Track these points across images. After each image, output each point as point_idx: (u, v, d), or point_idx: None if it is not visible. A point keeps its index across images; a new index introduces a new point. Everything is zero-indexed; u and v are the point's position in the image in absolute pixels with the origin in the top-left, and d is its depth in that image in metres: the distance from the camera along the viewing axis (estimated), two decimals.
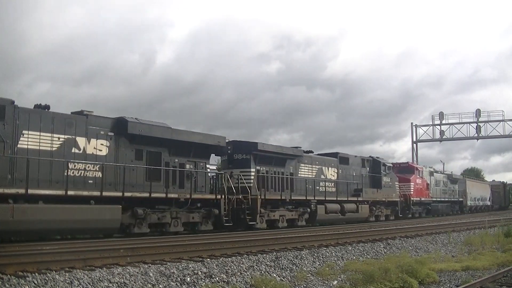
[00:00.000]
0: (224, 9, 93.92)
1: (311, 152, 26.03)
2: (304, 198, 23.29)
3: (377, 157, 31.50)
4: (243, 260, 10.99)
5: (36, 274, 8.11)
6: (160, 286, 8.54)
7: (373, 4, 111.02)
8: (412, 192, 34.72)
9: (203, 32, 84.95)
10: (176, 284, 8.74)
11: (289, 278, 10.18)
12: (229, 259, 10.94)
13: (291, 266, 11.17)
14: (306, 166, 24.60)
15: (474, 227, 23.61)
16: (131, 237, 15.30)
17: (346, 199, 26.39)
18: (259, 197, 20.48)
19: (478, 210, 52.08)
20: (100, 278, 8.33)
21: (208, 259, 10.70)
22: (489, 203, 57.73)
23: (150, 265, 9.69)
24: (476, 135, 50.36)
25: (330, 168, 26.42)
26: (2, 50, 58.52)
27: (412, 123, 53.66)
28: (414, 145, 52.95)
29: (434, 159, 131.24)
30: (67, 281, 7.97)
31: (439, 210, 40.23)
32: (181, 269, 9.54)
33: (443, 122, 50.82)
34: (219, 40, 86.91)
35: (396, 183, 32.57)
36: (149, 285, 8.46)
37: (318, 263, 11.88)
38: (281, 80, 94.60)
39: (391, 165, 33.04)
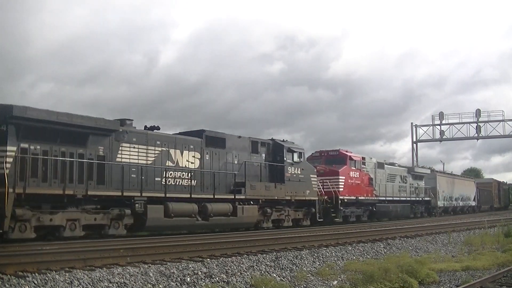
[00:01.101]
0: (227, 9, 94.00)
1: (156, 128, 18.05)
2: (120, 194, 15.60)
3: (281, 141, 23.20)
4: (243, 260, 10.99)
5: (36, 274, 8.11)
6: (160, 286, 8.54)
7: (376, 5, 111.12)
8: (341, 189, 26.15)
9: (206, 32, 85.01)
10: (176, 284, 8.75)
11: (289, 278, 10.18)
12: (229, 259, 10.94)
13: (291, 266, 11.17)
14: (133, 147, 16.65)
15: (474, 227, 23.60)
16: (133, 237, 15.32)
17: (211, 196, 18.53)
18: (13, 191, 12.83)
19: (456, 211, 45.62)
20: (100, 278, 8.33)
21: (208, 259, 10.70)
22: (473, 204, 50.74)
23: (150, 265, 9.68)
24: (476, 135, 50.36)
25: (186, 152, 18.43)
26: (6, 51, 58.53)
27: (412, 123, 53.71)
28: (414, 145, 52.96)
29: (435, 159, 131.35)
30: (67, 281, 7.97)
31: (391, 212, 31.87)
32: (181, 269, 9.54)
33: (443, 122, 50.84)
34: (222, 40, 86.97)
35: (313, 176, 24.06)
36: (149, 285, 8.46)
37: (318, 263, 11.88)
38: (284, 80, 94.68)
39: (303, 150, 24.06)
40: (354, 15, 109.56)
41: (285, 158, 22.40)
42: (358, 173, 28.33)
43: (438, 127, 50.95)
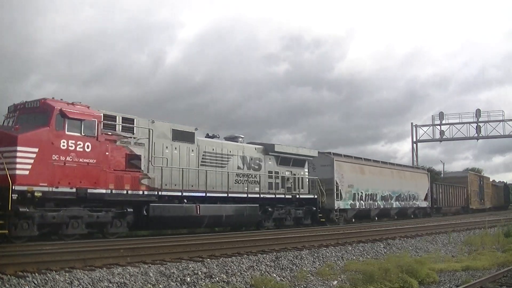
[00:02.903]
0: (233, 9, 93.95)
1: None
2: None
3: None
4: (243, 260, 10.99)
5: (36, 274, 8.11)
6: (160, 286, 8.54)
7: (381, 5, 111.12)
8: (22, 172, 13.18)
9: (212, 32, 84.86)
10: (176, 284, 8.74)
11: (289, 278, 10.18)
12: (229, 259, 10.95)
13: (291, 266, 11.17)
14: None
15: (474, 227, 23.61)
16: (133, 237, 15.32)
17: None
18: None
19: (388, 215, 33.22)
20: (100, 278, 8.33)
21: (208, 259, 10.71)
22: (425, 205, 38.31)
23: (150, 265, 9.69)
24: (476, 135, 50.33)
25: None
26: (12, 50, 58.49)
27: (412, 123, 53.63)
28: (414, 145, 52.93)
29: (436, 159, 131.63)
30: (67, 281, 7.98)
31: (196, 219, 17.89)
32: (181, 269, 9.54)
33: (444, 122, 50.82)
34: (228, 40, 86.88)
35: None
36: (149, 285, 8.46)
37: (318, 263, 11.88)
38: (288, 80, 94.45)
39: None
40: (359, 15, 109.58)
41: None
42: (89, 143, 14.70)
43: (438, 127, 50.95)
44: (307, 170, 24.54)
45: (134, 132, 16.18)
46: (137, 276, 8.76)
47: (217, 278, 9.32)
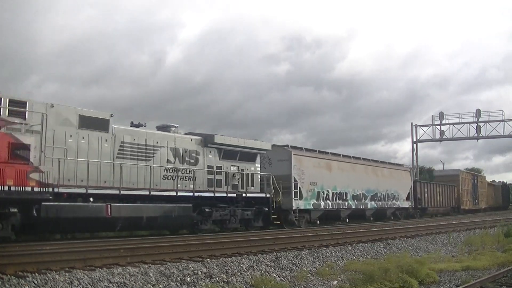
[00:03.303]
0: (234, 9, 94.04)
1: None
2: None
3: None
4: (243, 260, 10.99)
5: (36, 274, 8.11)
6: (160, 286, 8.54)
7: (382, 5, 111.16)
8: None
9: (213, 32, 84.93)
10: (176, 284, 8.74)
11: (289, 278, 10.18)
12: (229, 259, 10.95)
13: (291, 266, 11.17)
14: None
15: (474, 227, 23.61)
16: (133, 237, 15.30)
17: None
18: None
19: (354, 217, 28.91)
20: (100, 278, 8.33)
21: (208, 259, 10.71)
22: (407, 205, 34.98)
23: (150, 265, 9.69)
24: (476, 135, 50.33)
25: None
26: (14, 51, 58.52)
27: (412, 123, 53.61)
28: (414, 145, 52.92)
29: (436, 159, 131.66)
30: (67, 281, 7.98)
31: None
32: (181, 269, 9.54)
33: (444, 122, 50.82)
34: (229, 40, 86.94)
35: None
36: (149, 285, 8.46)
37: (318, 263, 11.88)
38: (289, 80, 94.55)
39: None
40: (360, 16, 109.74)
41: None
42: None
43: (438, 127, 50.95)
44: (258, 165, 21.43)
45: (26, 117, 13.49)
46: (137, 276, 8.76)
47: (217, 278, 9.31)
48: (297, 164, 23.91)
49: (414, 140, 52.62)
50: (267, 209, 20.78)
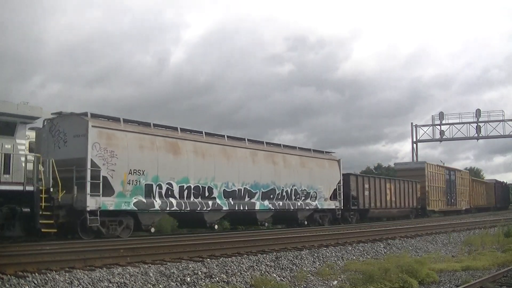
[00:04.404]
0: (238, 10, 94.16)
1: None
2: None
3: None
4: (243, 260, 10.99)
5: (36, 274, 8.11)
6: (160, 286, 8.54)
7: (385, 5, 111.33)
8: None
9: (217, 33, 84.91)
10: (176, 284, 8.74)
11: (289, 278, 10.18)
12: (229, 259, 10.95)
13: (291, 266, 11.17)
14: None
15: (474, 227, 23.62)
16: (133, 237, 15.30)
17: None
18: None
19: (235, 221, 22.46)
20: (100, 278, 8.33)
21: (208, 259, 10.71)
22: (332, 206, 25.76)
23: (150, 265, 9.69)
24: (476, 135, 50.35)
25: None
26: (18, 51, 58.51)
27: (412, 123, 53.65)
28: (414, 145, 52.95)
29: (437, 159, 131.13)
30: (67, 281, 7.98)
31: None
32: (181, 269, 9.54)
33: (444, 122, 50.86)
34: (233, 41, 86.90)
35: None
36: (149, 285, 8.46)
37: (318, 263, 11.88)
38: (292, 80, 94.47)
39: None
40: (363, 16, 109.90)
41: None
42: None
43: (438, 127, 50.97)
44: (24, 141, 14.13)
45: None
46: (137, 276, 8.76)
47: (217, 278, 9.31)
48: (102, 141, 15.90)
49: (414, 140, 52.70)
50: (28, 209, 13.23)
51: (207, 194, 18.99)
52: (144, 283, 8.50)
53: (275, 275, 10.24)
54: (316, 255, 12.60)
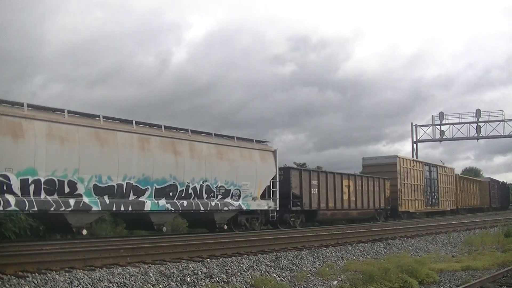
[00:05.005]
0: (241, 10, 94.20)
1: None
2: None
3: None
4: (243, 260, 10.99)
5: (36, 274, 8.12)
6: (160, 286, 8.54)
7: (387, 5, 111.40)
8: None
9: (219, 33, 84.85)
10: (176, 284, 8.75)
11: (289, 278, 10.18)
12: (229, 259, 10.96)
13: (291, 266, 11.17)
14: None
15: (474, 227, 23.63)
16: (133, 237, 15.30)
17: None
18: None
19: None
20: (100, 278, 8.33)
21: (208, 259, 10.71)
22: (263, 206, 20.91)
23: (150, 265, 9.70)
24: (476, 135, 50.37)
25: None
26: (20, 51, 58.45)
27: (412, 123, 53.67)
28: (415, 145, 52.96)
29: (437, 159, 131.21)
30: (67, 281, 7.98)
31: None
32: (181, 269, 9.54)
33: (444, 122, 50.89)
34: (235, 41, 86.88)
35: None
36: (149, 285, 8.47)
37: (318, 263, 11.88)
38: (294, 81, 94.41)
39: None
40: (365, 16, 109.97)
41: None
42: None
43: (438, 127, 50.99)
44: None
45: None
46: (137, 276, 8.76)
47: (217, 278, 9.32)
48: None
49: (414, 140, 52.71)
50: None
51: (67, 190, 14.44)
52: (144, 283, 8.51)
53: (275, 275, 10.24)
54: (316, 255, 12.61)
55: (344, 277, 10.52)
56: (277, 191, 21.52)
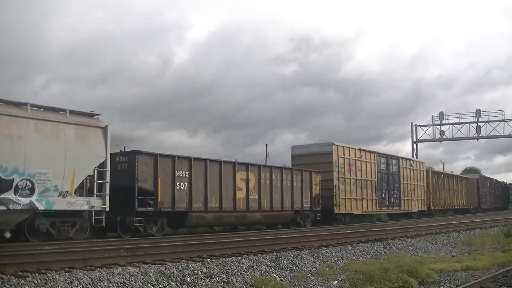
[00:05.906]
0: (242, 10, 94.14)
1: None
2: None
3: None
4: (243, 260, 10.99)
5: (36, 274, 8.12)
6: (160, 286, 8.54)
7: (388, 5, 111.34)
8: None
9: (221, 33, 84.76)
10: (176, 284, 8.75)
11: (289, 278, 10.17)
12: (229, 259, 10.95)
13: (291, 266, 11.17)
14: None
15: (474, 227, 23.63)
16: (133, 237, 15.29)
17: None
18: None
19: None
20: (100, 278, 8.33)
21: (208, 259, 10.71)
22: (85, 206, 14.55)
23: (150, 265, 9.69)
24: (476, 135, 50.39)
25: None
26: (21, 51, 58.42)
27: (412, 123, 53.68)
28: (415, 145, 52.97)
29: (437, 159, 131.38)
30: (67, 281, 7.98)
31: None
32: (181, 269, 9.54)
33: (444, 122, 50.91)
34: (237, 41, 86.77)
35: None
36: (149, 285, 8.47)
37: (318, 263, 11.88)
38: (295, 81, 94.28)
39: None
40: (367, 16, 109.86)
41: None
42: None
43: (438, 127, 51.00)
44: None
45: None
46: (137, 276, 8.76)
47: (217, 278, 9.32)
48: None
49: (414, 140, 52.72)
50: None
51: None
52: (144, 283, 8.51)
53: (275, 275, 10.23)
54: (316, 255, 12.61)
55: (344, 277, 10.52)
56: (107, 184, 15.27)
